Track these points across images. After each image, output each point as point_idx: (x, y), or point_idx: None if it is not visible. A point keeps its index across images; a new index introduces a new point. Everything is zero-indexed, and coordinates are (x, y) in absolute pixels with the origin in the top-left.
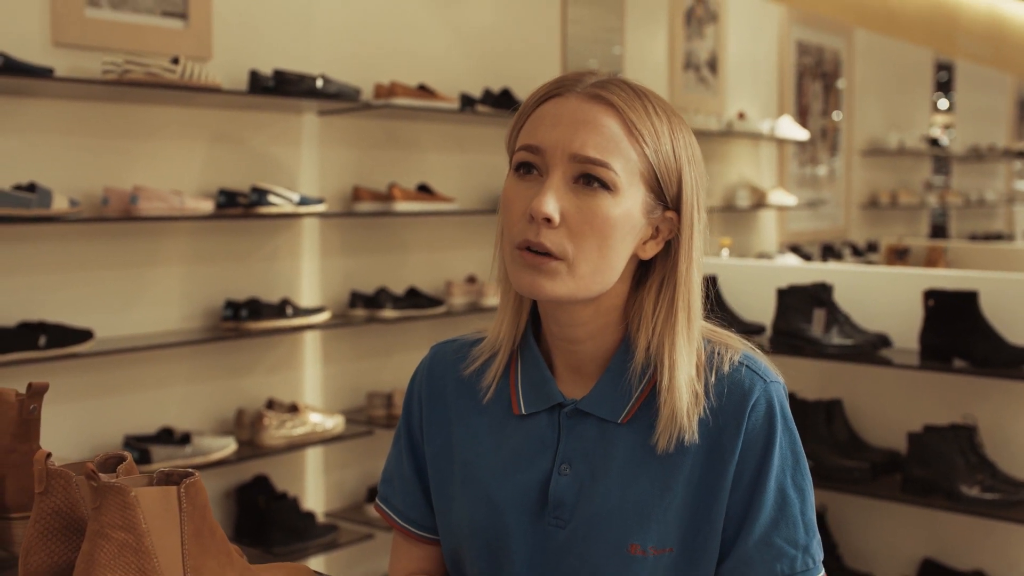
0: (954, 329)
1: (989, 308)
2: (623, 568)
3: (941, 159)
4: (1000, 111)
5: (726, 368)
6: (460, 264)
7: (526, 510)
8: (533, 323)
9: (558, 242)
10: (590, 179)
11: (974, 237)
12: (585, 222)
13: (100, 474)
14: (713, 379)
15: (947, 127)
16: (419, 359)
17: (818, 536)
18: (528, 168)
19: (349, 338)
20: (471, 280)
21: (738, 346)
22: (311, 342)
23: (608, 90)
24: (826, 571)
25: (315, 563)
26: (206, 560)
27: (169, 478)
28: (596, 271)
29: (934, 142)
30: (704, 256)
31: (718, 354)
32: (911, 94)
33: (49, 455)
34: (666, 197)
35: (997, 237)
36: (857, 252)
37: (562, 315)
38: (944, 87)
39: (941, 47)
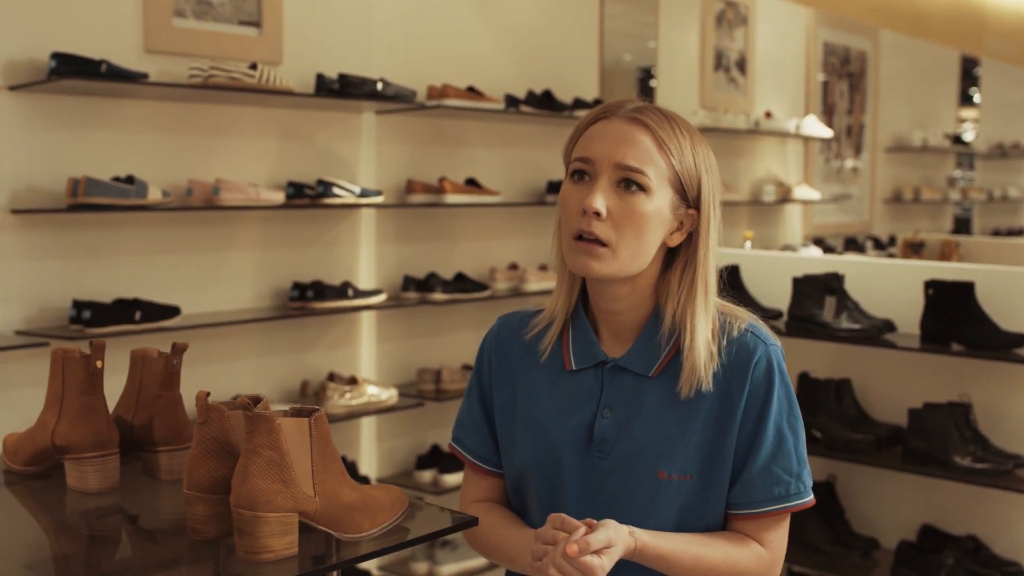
0: (952, 316)
1: (984, 297)
2: (654, 491)
3: (965, 156)
4: None
5: (735, 333)
6: (504, 252)
7: (576, 446)
8: (582, 298)
9: (605, 232)
10: (629, 183)
11: (997, 232)
12: (625, 216)
13: (254, 407)
14: (724, 342)
15: (970, 122)
16: (464, 339)
17: (808, 468)
18: (581, 175)
19: (401, 318)
20: (513, 267)
21: (745, 317)
22: (367, 321)
23: (643, 114)
24: (833, 535)
25: None
26: (328, 475)
27: (300, 413)
28: (634, 255)
29: (957, 139)
30: (721, 247)
31: (729, 323)
32: (936, 92)
33: (208, 394)
34: (688, 198)
35: (1020, 232)
36: (879, 245)
37: (606, 291)
38: (969, 85)
39: (967, 47)
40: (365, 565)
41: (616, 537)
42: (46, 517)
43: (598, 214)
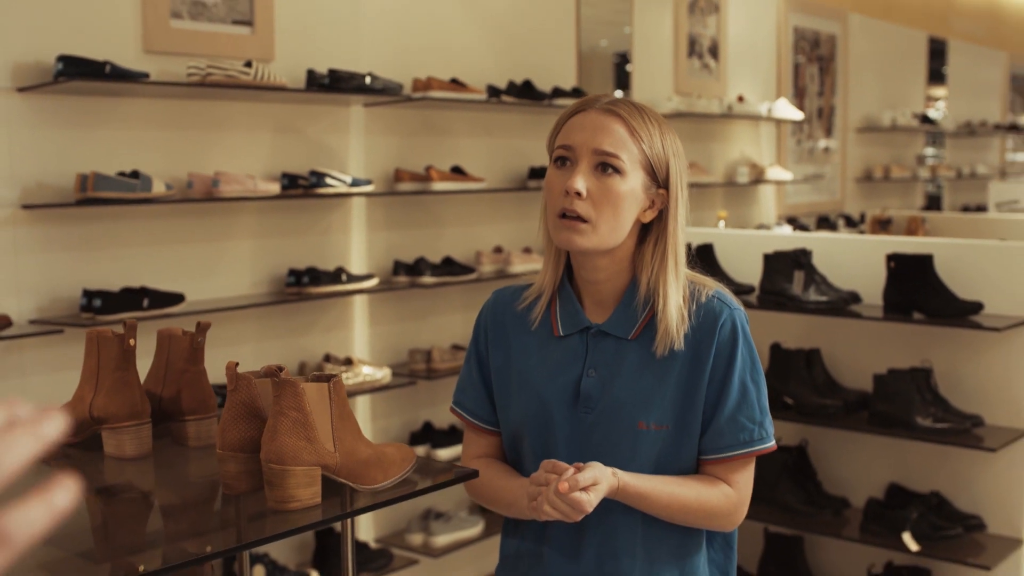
0: (912, 287)
1: (942, 269)
2: (634, 440)
3: (934, 134)
4: (994, 87)
5: (703, 299)
6: (488, 236)
7: (564, 402)
8: (567, 272)
9: (586, 210)
10: (606, 166)
11: (966, 208)
12: (603, 196)
13: (280, 374)
14: (694, 307)
15: (940, 100)
16: (453, 320)
17: (770, 417)
18: (563, 161)
19: (392, 302)
20: (498, 250)
21: (712, 285)
22: (360, 305)
23: (617, 106)
24: (805, 495)
25: None
26: (345, 433)
27: (320, 378)
28: (611, 230)
29: (926, 118)
30: (695, 227)
31: (697, 290)
32: (905, 73)
33: (237, 364)
34: (658, 179)
35: (985, 209)
36: (851, 223)
37: (588, 263)
38: (938, 65)
39: (935, 28)
40: (363, 536)
41: (601, 476)
42: (87, 483)
43: (579, 194)
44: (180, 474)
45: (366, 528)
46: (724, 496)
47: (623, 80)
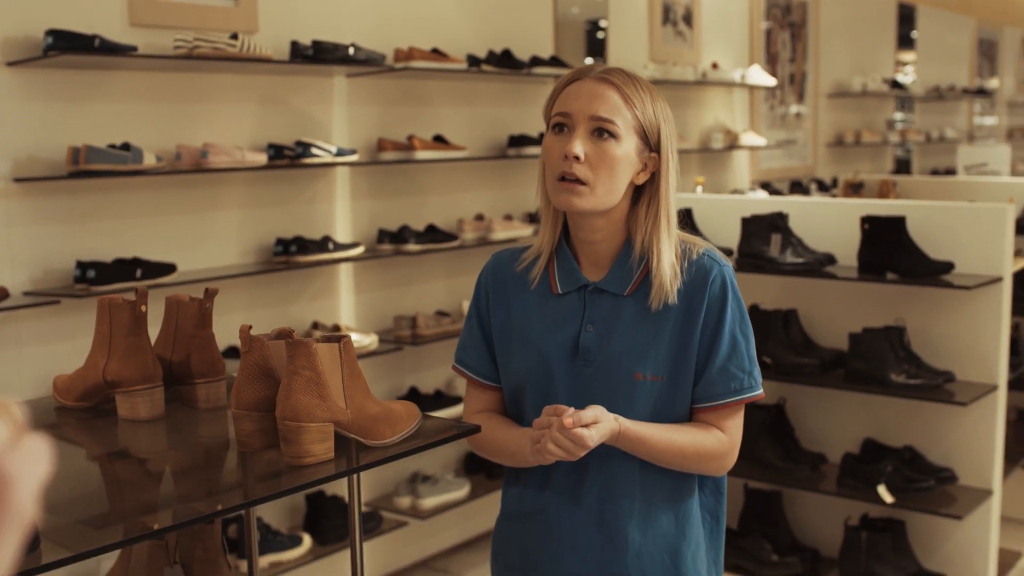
0: (886, 248)
1: (914, 230)
2: (631, 391)
3: (904, 99)
4: (961, 52)
5: (694, 256)
6: (470, 204)
7: (564, 356)
8: (564, 234)
9: (584, 172)
10: (602, 131)
11: (935, 172)
12: (600, 159)
13: (293, 336)
14: (686, 264)
15: (909, 65)
16: (436, 287)
17: (758, 367)
18: (561, 127)
19: (377, 269)
20: (479, 218)
21: (701, 244)
22: (345, 273)
23: (611, 75)
24: (784, 452)
25: None
26: (355, 391)
27: (330, 339)
28: (607, 191)
29: (896, 84)
30: (678, 191)
31: (688, 248)
32: (875, 39)
33: (251, 327)
34: (650, 143)
35: (954, 172)
36: (823, 188)
37: (585, 224)
38: (907, 30)
39: None
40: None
41: (602, 416)
42: (102, 444)
43: (577, 158)
44: (192, 434)
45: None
46: (717, 441)
47: (596, 47)
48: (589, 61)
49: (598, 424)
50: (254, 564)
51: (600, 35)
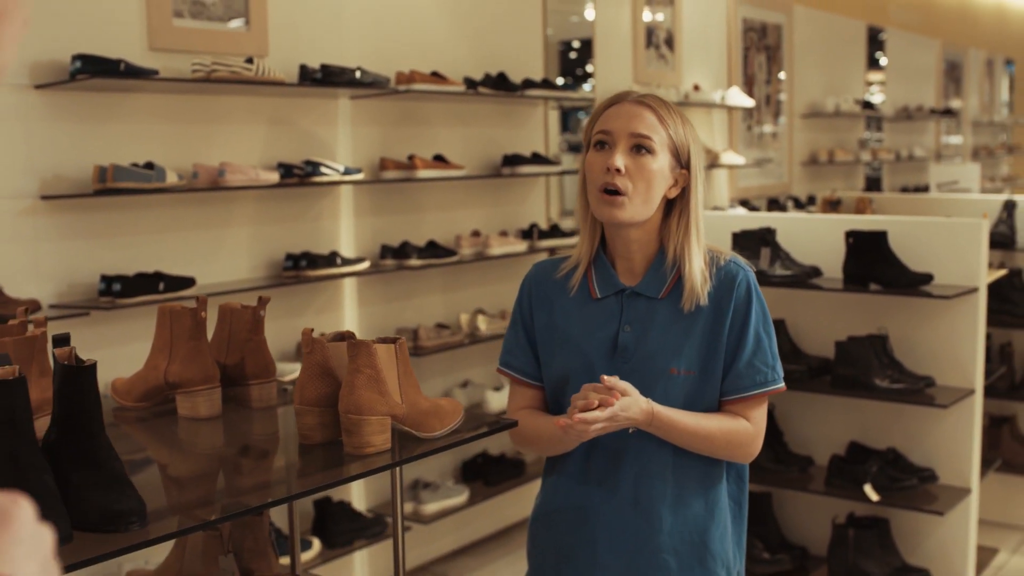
0: (869, 261)
1: (896, 244)
2: (666, 384)
3: (874, 119)
4: (928, 73)
5: (721, 263)
6: (466, 221)
7: (604, 354)
8: (601, 244)
9: (624, 184)
10: (640, 147)
11: (904, 189)
12: (638, 172)
13: (355, 338)
14: (714, 269)
15: (877, 84)
16: (435, 300)
17: (780, 362)
18: (602, 144)
19: (380, 284)
20: (476, 234)
21: (728, 252)
22: (349, 287)
23: (647, 99)
24: (774, 455)
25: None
26: (409, 388)
27: (386, 340)
28: (644, 202)
29: (867, 104)
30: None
31: (716, 257)
32: (846, 61)
33: (312, 330)
34: (681, 161)
35: (925, 189)
36: (799, 205)
37: (622, 233)
38: (875, 51)
39: (873, 18)
40: (357, 505)
41: (633, 391)
42: (165, 442)
43: (619, 170)
44: (249, 431)
45: (358, 498)
46: (743, 428)
47: (569, 69)
48: (575, 80)
49: (630, 396)
50: (296, 555)
51: (571, 55)
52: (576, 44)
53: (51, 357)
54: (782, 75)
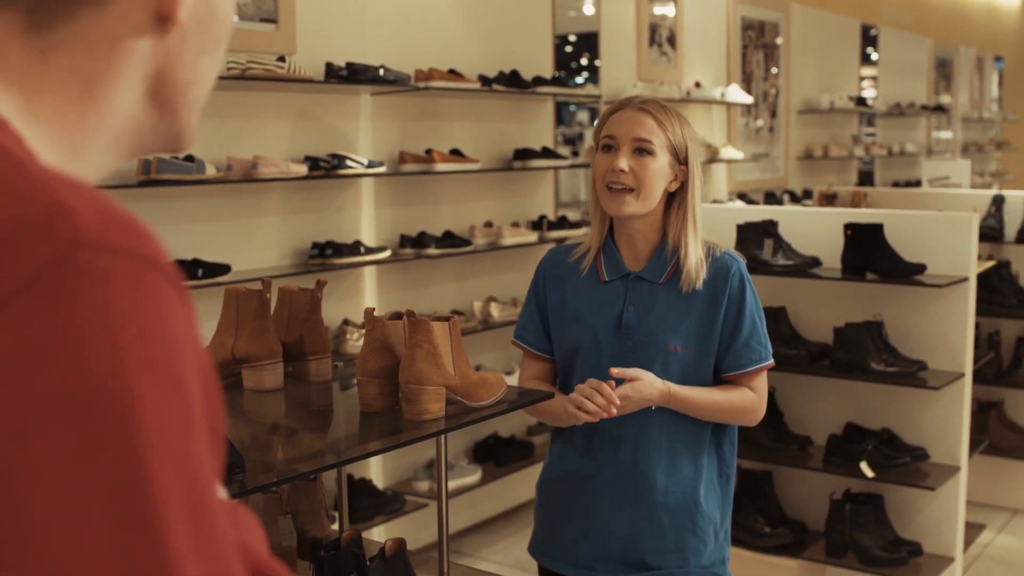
0: (866, 251)
1: (891, 236)
2: (665, 359)
3: (867, 115)
4: (920, 70)
5: (717, 254)
6: (480, 212)
7: (609, 330)
8: (609, 233)
9: (628, 183)
10: (642, 150)
11: (896, 184)
12: (641, 171)
13: (415, 315)
14: (710, 260)
15: (867, 80)
16: (449, 288)
17: (769, 341)
18: (608, 147)
19: (397, 272)
20: (488, 224)
21: (722, 245)
22: (370, 275)
23: (648, 105)
24: (774, 434)
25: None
26: (461, 361)
27: (441, 318)
28: (647, 197)
29: (860, 100)
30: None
31: (712, 249)
32: (840, 59)
33: (374, 309)
34: (679, 158)
35: (917, 184)
36: (795, 198)
37: (628, 225)
38: (869, 50)
39: (867, 16)
40: (376, 482)
41: (644, 375)
42: (231, 412)
43: (623, 170)
44: (311, 402)
45: (376, 475)
46: (748, 397)
47: (563, 62)
48: (569, 73)
49: (640, 380)
50: (344, 518)
51: (566, 48)
52: (572, 38)
53: None
54: (774, 70)
